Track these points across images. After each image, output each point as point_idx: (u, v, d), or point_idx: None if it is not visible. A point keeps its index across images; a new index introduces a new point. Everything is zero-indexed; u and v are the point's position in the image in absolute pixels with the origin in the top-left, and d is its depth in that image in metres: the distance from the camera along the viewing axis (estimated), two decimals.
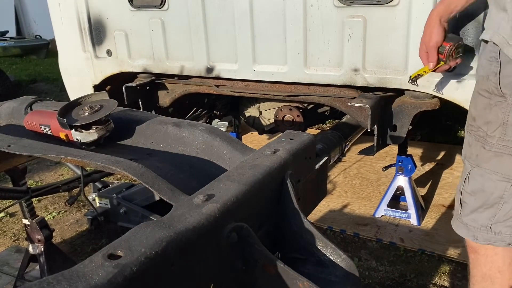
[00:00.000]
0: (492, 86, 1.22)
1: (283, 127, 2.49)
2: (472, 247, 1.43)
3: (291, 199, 0.93)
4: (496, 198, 1.30)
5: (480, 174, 1.32)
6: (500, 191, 1.28)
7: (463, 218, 1.41)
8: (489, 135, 1.26)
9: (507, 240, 1.34)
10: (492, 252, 1.37)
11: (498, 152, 1.25)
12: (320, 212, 2.87)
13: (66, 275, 0.59)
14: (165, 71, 2.57)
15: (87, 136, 1.14)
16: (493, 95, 1.23)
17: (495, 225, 1.33)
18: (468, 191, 1.37)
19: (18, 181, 1.94)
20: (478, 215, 1.36)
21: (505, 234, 1.33)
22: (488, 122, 1.26)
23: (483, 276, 1.41)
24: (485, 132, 1.27)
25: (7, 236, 2.86)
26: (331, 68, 2.08)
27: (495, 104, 1.23)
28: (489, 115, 1.25)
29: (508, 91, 1.19)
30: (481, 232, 1.36)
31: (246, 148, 1.11)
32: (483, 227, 1.35)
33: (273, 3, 2.11)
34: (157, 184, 0.91)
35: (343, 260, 0.88)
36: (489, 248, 1.37)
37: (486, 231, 1.35)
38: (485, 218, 1.34)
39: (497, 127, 1.23)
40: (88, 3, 2.63)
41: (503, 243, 1.34)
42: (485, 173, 1.30)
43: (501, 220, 1.32)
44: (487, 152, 1.27)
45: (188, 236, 0.69)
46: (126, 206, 2.51)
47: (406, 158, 2.62)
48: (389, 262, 2.39)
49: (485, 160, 1.29)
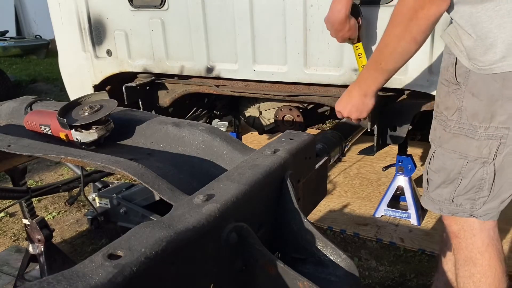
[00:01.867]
0: (450, 76, 1.37)
1: (283, 127, 2.49)
2: (453, 233, 1.53)
3: (291, 199, 0.93)
4: (456, 174, 1.43)
5: (442, 154, 1.46)
6: (459, 167, 1.42)
7: (430, 194, 1.55)
8: (448, 118, 1.40)
9: (467, 211, 1.46)
10: (470, 234, 1.49)
11: (455, 133, 1.39)
12: (320, 212, 2.87)
13: (66, 275, 0.59)
14: (165, 71, 2.56)
15: (87, 136, 1.14)
16: (451, 84, 1.37)
17: (456, 198, 1.46)
18: (433, 169, 1.51)
19: (18, 181, 1.94)
20: (442, 190, 1.50)
21: (465, 206, 1.46)
22: (447, 107, 1.40)
23: (465, 259, 1.51)
24: (446, 116, 1.41)
25: (7, 236, 2.86)
26: (331, 68, 2.08)
27: (452, 91, 1.37)
28: (448, 101, 1.39)
29: (462, 80, 1.33)
30: (445, 204, 1.50)
31: (246, 148, 1.11)
32: (446, 200, 1.49)
33: (273, 3, 2.11)
34: (157, 184, 0.91)
35: (343, 260, 0.88)
36: (466, 231, 1.49)
37: (449, 204, 1.49)
38: (447, 193, 1.48)
39: (454, 112, 1.37)
40: (88, 3, 2.63)
41: (464, 213, 1.47)
42: (445, 152, 1.44)
43: (461, 193, 1.45)
44: (447, 134, 1.42)
45: (188, 236, 0.69)
46: (126, 206, 2.51)
47: (406, 158, 2.61)
48: (389, 262, 2.39)
49: (445, 141, 1.43)
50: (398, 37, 1.36)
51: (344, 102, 1.65)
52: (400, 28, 1.34)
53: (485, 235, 1.48)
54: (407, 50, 1.38)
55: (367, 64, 1.56)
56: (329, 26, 1.82)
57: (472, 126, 1.34)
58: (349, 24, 1.78)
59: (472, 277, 1.51)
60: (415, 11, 1.28)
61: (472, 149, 1.36)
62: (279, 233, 0.96)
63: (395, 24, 1.36)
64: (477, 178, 1.40)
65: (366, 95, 1.58)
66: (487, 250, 1.48)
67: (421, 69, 1.88)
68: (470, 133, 1.35)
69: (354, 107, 1.62)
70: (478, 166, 1.38)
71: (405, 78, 1.91)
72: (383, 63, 1.46)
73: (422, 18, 1.28)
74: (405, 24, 1.32)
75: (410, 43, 1.35)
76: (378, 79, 1.52)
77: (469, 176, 1.41)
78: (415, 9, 1.28)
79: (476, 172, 1.39)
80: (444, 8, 1.27)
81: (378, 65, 1.47)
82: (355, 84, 1.61)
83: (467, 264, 1.51)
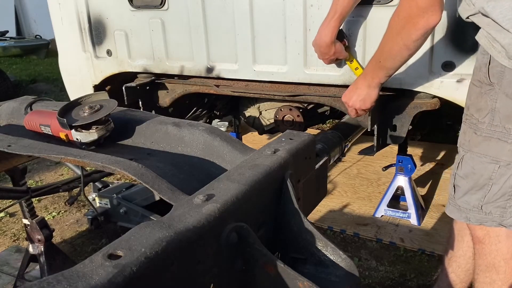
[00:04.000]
0: (482, 76, 1.33)
1: (283, 127, 2.49)
2: (478, 237, 1.48)
3: (291, 199, 0.93)
4: (486, 179, 1.38)
5: (471, 158, 1.40)
6: (489, 172, 1.36)
7: (456, 201, 1.49)
8: (480, 121, 1.35)
9: (497, 220, 1.41)
10: (496, 240, 1.44)
11: (487, 136, 1.34)
12: (320, 212, 2.87)
13: (66, 275, 0.59)
14: (165, 71, 2.56)
15: (87, 136, 1.14)
16: (483, 84, 1.33)
17: (486, 205, 1.41)
18: (461, 175, 1.45)
19: (18, 181, 1.93)
20: (469, 196, 1.44)
21: (495, 214, 1.41)
22: (479, 109, 1.35)
23: (487, 265, 1.47)
24: (477, 119, 1.36)
25: (7, 236, 2.86)
26: (331, 68, 2.08)
27: (485, 92, 1.32)
28: (480, 103, 1.34)
29: (496, 80, 1.29)
30: (473, 213, 1.44)
31: (246, 148, 1.10)
32: (474, 208, 1.44)
33: (273, 3, 2.11)
34: (157, 184, 0.91)
35: (343, 260, 0.88)
36: (492, 237, 1.44)
37: (477, 212, 1.43)
38: (476, 199, 1.42)
39: (487, 113, 1.32)
40: (88, 3, 2.63)
41: (493, 223, 1.42)
42: (475, 156, 1.38)
43: (491, 200, 1.39)
44: (478, 137, 1.36)
45: (188, 236, 0.69)
46: (126, 206, 2.51)
47: (406, 158, 2.61)
48: (389, 262, 2.39)
49: (475, 145, 1.38)
50: (392, 41, 1.44)
51: (349, 93, 1.74)
52: (393, 34, 1.41)
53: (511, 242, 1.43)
54: (400, 54, 1.45)
55: (371, 58, 1.62)
56: (316, 49, 1.93)
57: (505, 129, 1.29)
58: (334, 47, 1.86)
59: (492, 284, 1.46)
60: (406, 22, 1.34)
61: (505, 153, 1.31)
62: (279, 233, 0.96)
63: (390, 29, 1.43)
64: (509, 185, 1.34)
65: (370, 86, 1.66)
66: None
67: (421, 69, 1.88)
68: (503, 136, 1.30)
69: (359, 97, 1.70)
70: (510, 172, 1.32)
71: (405, 78, 1.90)
72: (382, 60, 1.54)
73: (412, 29, 1.33)
74: (398, 31, 1.39)
75: (402, 48, 1.42)
76: (379, 74, 1.61)
77: (500, 182, 1.35)
78: (407, 19, 1.33)
79: (508, 178, 1.34)
80: (435, 22, 1.30)
81: (378, 62, 1.57)
82: (361, 76, 1.71)
83: (489, 271, 1.46)
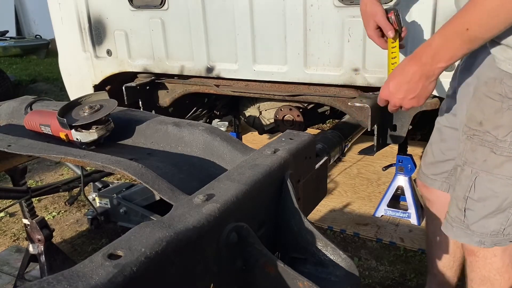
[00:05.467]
0: (507, 90, 1.15)
1: (283, 127, 2.49)
2: (470, 250, 1.41)
3: (291, 199, 0.93)
4: (510, 203, 1.26)
5: (489, 180, 1.26)
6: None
7: (470, 227, 1.35)
8: (499, 139, 1.20)
9: None
10: (491, 254, 1.36)
11: (510, 156, 1.21)
12: (320, 212, 2.87)
13: (66, 275, 0.59)
14: (165, 71, 2.56)
15: (87, 136, 1.14)
16: (506, 98, 1.16)
17: (508, 228, 1.31)
18: (475, 198, 1.31)
19: (18, 181, 1.94)
20: (487, 220, 1.31)
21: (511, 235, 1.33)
22: (498, 126, 1.20)
23: (482, 279, 1.40)
24: (495, 137, 1.21)
25: (7, 236, 2.86)
26: (331, 68, 2.08)
27: (508, 107, 1.17)
28: (501, 119, 1.19)
29: None
30: (491, 237, 1.33)
31: (246, 148, 1.10)
32: (494, 231, 1.32)
33: (273, 3, 2.10)
34: (157, 184, 0.91)
35: (343, 260, 0.88)
36: (488, 250, 1.36)
37: (495, 235, 1.32)
38: (496, 223, 1.31)
39: (509, 132, 1.18)
40: (88, 3, 2.63)
41: (509, 242, 1.34)
42: (496, 178, 1.25)
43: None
44: (498, 157, 1.22)
45: (188, 236, 0.69)
46: (126, 206, 2.51)
47: (406, 158, 2.61)
48: (389, 262, 2.39)
49: (496, 166, 1.24)
50: None
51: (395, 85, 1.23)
52: None
53: (506, 255, 1.36)
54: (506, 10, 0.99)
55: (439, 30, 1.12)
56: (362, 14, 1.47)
57: None
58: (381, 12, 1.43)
59: None
60: None
61: None
62: (279, 233, 0.96)
63: None
64: None
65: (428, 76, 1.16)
66: (507, 270, 1.37)
67: None
68: None
69: (412, 93, 1.21)
70: None
71: None
72: (470, 27, 1.04)
73: None
74: None
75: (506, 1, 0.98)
76: (457, 52, 1.10)
77: None
78: None
79: None
80: None
81: (463, 30, 1.05)
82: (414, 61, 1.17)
83: (484, 284, 1.40)
